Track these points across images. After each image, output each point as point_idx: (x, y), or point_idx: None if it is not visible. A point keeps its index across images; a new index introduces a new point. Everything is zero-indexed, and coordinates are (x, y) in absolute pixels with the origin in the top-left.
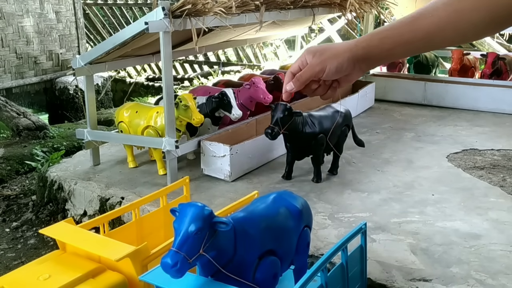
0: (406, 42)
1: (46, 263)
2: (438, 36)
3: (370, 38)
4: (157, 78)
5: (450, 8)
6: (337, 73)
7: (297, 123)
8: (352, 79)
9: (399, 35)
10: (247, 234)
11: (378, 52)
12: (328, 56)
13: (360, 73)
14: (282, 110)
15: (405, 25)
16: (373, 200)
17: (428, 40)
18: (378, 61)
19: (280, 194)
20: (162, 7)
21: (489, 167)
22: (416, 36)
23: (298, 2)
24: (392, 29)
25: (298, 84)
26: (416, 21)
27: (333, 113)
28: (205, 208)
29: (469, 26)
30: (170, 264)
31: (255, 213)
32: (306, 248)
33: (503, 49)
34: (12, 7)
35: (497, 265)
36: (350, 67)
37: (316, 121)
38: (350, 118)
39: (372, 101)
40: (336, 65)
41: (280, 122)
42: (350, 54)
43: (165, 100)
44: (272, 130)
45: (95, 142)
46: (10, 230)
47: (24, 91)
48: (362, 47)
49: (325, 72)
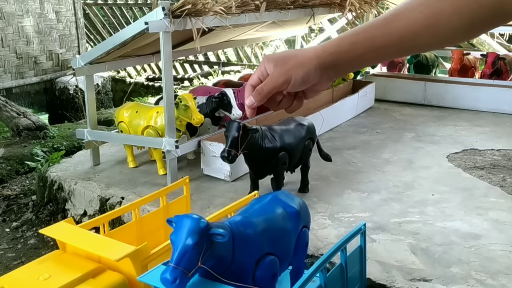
0: (378, 47)
1: (46, 263)
2: (413, 41)
3: (338, 43)
4: (157, 78)
5: (427, 10)
6: (304, 83)
7: (256, 139)
8: (320, 88)
9: (371, 39)
10: (245, 239)
11: (348, 58)
12: (293, 65)
13: (328, 81)
14: (236, 129)
15: (377, 28)
16: (373, 200)
17: (402, 46)
18: (348, 67)
19: (277, 195)
20: (162, 7)
21: (489, 167)
22: (390, 41)
23: (298, 2)
24: (363, 33)
25: (260, 98)
26: (390, 24)
27: (295, 126)
28: (201, 220)
29: (448, 31)
30: (169, 280)
31: (253, 216)
32: (304, 249)
33: (503, 49)
34: (12, 7)
35: (497, 265)
36: (318, 76)
37: (276, 135)
38: (313, 131)
39: (372, 101)
40: (302, 75)
41: (236, 143)
42: (317, 62)
43: (165, 100)
44: (229, 153)
45: (95, 142)
46: (10, 230)
47: (24, 91)
48: (330, 53)
49: (290, 83)
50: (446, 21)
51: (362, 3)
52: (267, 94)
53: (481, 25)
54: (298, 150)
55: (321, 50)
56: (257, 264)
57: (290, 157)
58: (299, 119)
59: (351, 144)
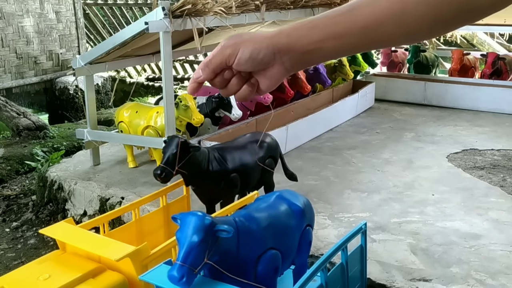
0: (339, 35)
1: (46, 263)
2: (377, 32)
3: (297, 26)
4: (157, 78)
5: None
6: (252, 60)
7: (199, 159)
8: (273, 76)
9: (333, 25)
10: (250, 233)
11: (305, 42)
12: (244, 39)
13: (282, 69)
14: (175, 145)
15: (340, 14)
16: (373, 200)
17: (365, 35)
18: (304, 55)
19: (283, 193)
20: (162, 7)
21: (489, 167)
22: (352, 29)
23: (298, 2)
24: (325, 18)
25: (207, 71)
26: (354, 11)
27: (252, 144)
28: (206, 217)
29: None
30: (177, 278)
31: (258, 211)
32: (308, 247)
33: (503, 49)
34: (12, 7)
35: (497, 265)
36: (269, 57)
37: (227, 155)
38: (276, 148)
39: (372, 101)
40: (251, 49)
41: (173, 160)
42: (271, 41)
43: (165, 100)
44: (162, 171)
45: (95, 142)
46: (10, 230)
47: (24, 91)
48: (286, 35)
49: (237, 56)
50: (412, 9)
51: None
52: (214, 68)
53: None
54: (255, 171)
55: (278, 30)
56: (259, 258)
57: (244, 179)
58: (258, 135)
59: (351, 144)
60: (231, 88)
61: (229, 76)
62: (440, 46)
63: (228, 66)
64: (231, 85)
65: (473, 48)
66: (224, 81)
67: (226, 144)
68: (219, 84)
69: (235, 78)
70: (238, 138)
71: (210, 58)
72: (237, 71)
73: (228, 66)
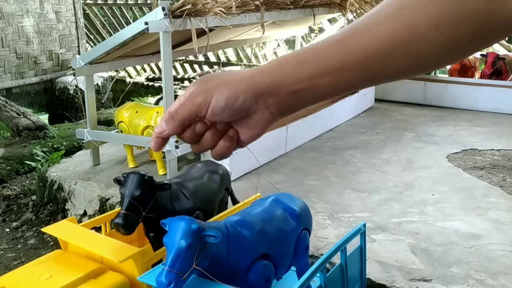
0: (334, 70)
1: (47, 263)
2: (381, 61)
3: (281, 62)
4: (157, 78)
5: (397, 22)
6: (229, 109)
7: (166, 200)
8: (256, 124)
9: (324, 58)
10: (241, 238)
11: (293, 81)
12: (216, 83)
13: (267, 115)
14: (138, 185)
15: (333, 44)
16: (373, 200)
17: (366, 68)
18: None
19: (279, 196)
20: (162, 7)
21: (489, 167)
22: (349, 62)
23: (298, 2)
24: (314, 50)
25: (173, 125)
26: (349, 40)
27: (208, 177)
28: (193, 222)
29: (425, 48)
30: (165, 284)
31: (251, 216)
32: (305, 252)
33: (503, 49)
34: (12, 7)
35: (497, 265)
36: (249, 102)
37: (189, 193)
38: (228, 179)
39: (372, 101)
40: (227, 95)
41: (138, 205)
42: (250, 82)
43: (165, 100)
44: (126, 220)
45: (95, 142)
46: (10, 230)
47: (24, 91)
48: (269, 74)
49: (210, 105)
50: (422, 35)
51: (362, 3)
52: (182, 120)
53: (464, 42)
54: (213, 206)
55: (258, 70)
56: (250, 267)
57: (206, 215)
58: (211, 166)
59: (351, 144)
60: (205, 144)
61: (201, 129)
62: None
63: (199, 117)
64: (205, 141)
65: None
66: (196, 135)
67: (182, 178)
68: (189, 139)
69: (209, 132)
70: (190, 170)
71: (176, 108)
72: (211, 123)
73: (199, 117)
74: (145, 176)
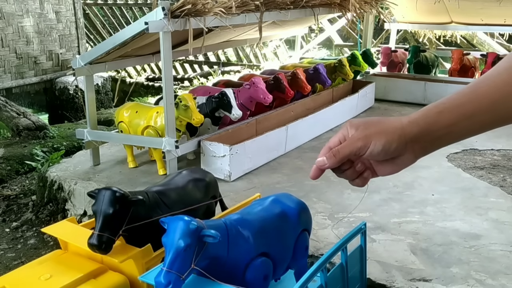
0: (470, 115)
1: (47, 263)
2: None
3: (425, 113)
4: (157, 78)
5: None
6: (384, 152)
7: (141, 214)
8: (401, 163)
9: (459, 107)
10: (241, 237)
11: (436, 129)
12: (375, 131)
13: (412, 157)
14: (110, 203)
15: (464, 95)
16: (373, 200)
17: (496, 111)
18: (435, 141)
19: (279, 196)
20: (162, 7)
21: (489, 167)
22: (481, 107)
23: (298, 2)
24: (450, 101)
25: (333, 161)
26: (477, 89)
27: (193, 185)
28: (191, 222)
29: None
30: (163, 284)
31: (250, 215)
32: (304, 252)
33: (503, 49)
34: (12, 7)
35: (497, 265)
36: (401, 148)
37: (170, 201)
38: (216, 187)
39: (372, 101)
40: (384, 142)
41: (112, 223)
42: (402, 132)
43: (165, 100)
44: (100, 241)
45: (95, 142)
46: (10, 230)
47: (24, 91)
48: (417, 124)
49: (369, 149)
50: None
51: (362, 3)
52: (343, 158)
53: None
54: (196, 216)
55: (407, 120)
56: (249, 264)
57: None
58: (197, 174)
59: None
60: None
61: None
62: (440, 46)
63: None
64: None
65: (473, 48)
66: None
67: (164, 185)
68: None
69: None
70: (174, 177)
71: (339, 148)
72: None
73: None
74: (117, 193)
